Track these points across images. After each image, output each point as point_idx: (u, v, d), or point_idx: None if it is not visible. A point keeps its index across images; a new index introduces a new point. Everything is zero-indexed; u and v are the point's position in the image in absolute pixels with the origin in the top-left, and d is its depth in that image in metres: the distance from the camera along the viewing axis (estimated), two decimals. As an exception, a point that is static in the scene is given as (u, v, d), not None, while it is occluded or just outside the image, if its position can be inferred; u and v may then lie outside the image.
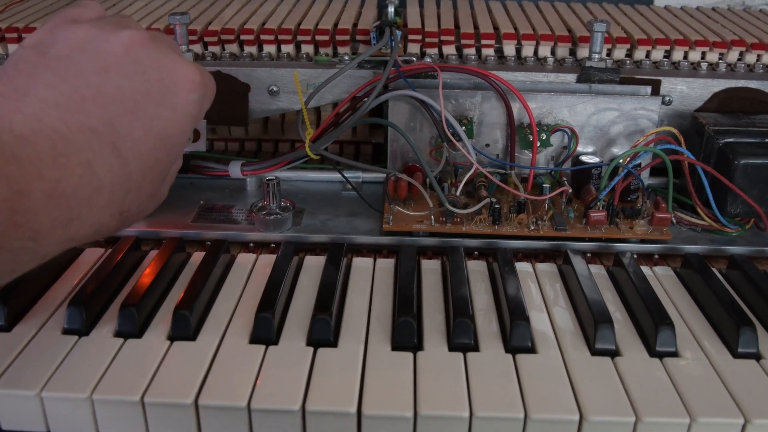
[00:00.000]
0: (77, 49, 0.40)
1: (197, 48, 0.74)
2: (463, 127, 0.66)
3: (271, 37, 0.75)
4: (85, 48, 0.40)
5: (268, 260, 0.59)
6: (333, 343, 0.49)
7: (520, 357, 0.48)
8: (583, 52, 0.75)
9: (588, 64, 0.69)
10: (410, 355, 0.48)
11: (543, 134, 0.67)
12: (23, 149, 0.33)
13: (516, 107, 0.66)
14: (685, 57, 0.76)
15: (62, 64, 0.39)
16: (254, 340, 0.49)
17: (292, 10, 0.82)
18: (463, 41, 0.75)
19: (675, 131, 0.63)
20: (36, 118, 0.35)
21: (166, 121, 0.42)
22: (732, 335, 0.50)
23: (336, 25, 0.76)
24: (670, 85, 0.70)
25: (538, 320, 0.52)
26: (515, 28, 0.77)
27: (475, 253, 0.62)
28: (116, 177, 0.39)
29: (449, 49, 0.76)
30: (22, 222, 0.33)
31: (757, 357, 0.49)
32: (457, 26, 0.78)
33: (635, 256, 0.60)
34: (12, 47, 0.76)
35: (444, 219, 0.62)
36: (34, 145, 0.34)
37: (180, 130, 0.43)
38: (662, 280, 0.59)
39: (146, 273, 0.55)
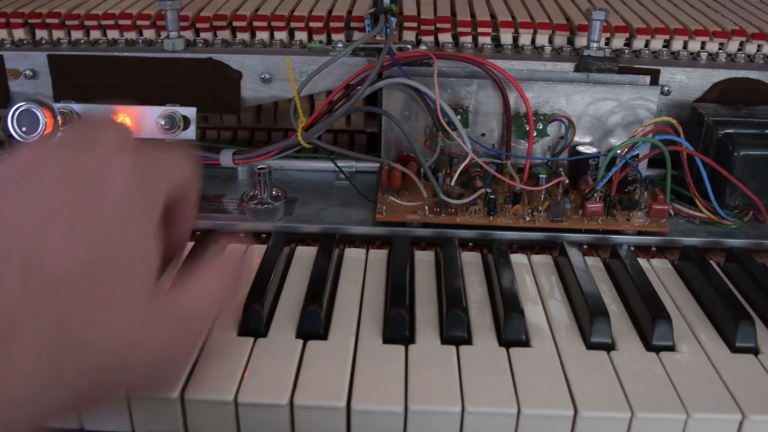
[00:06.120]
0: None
1: (188, 34, 0.73)
2: (459, 116, 0.65)
3: (264, 24, 0.73)
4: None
5: (258, 250, 0.58)
6: (323, 336, 0.48)
7: (513, 350, 0.47)
8: (581, 40, 0.74)
9: (586, 53, 0.68)
10: (402, 348, 0.47)
11: (540, 124, 0.66)
12: None
13: (512, 96, 0.65)
14: (685, 47, 0.74)
15: None
16: (243, 332, 0.48)
17: (285, -3, 0.80)
18: (460, 29, 0.74)
19: (674, 122, 0.62)
20: None
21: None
22: (730, 329, 0.49)
23: (330, 12, 0.75)
24: (669, 75, 0.69)
25: (533, 313, 0.51)
26: (512, 16, 0.76)
27: (470, 244, 0.61)
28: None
29: (445, 37, 0.74)
30: None
31: (756, 351, 0.48)
32: (453, 14, 0.77)
33: (632, 248, 0.59)
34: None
35: (438, 209, 0.61)
36: None
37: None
38: (659, 272, 0.58)
39: (133, 263, 0.53)
